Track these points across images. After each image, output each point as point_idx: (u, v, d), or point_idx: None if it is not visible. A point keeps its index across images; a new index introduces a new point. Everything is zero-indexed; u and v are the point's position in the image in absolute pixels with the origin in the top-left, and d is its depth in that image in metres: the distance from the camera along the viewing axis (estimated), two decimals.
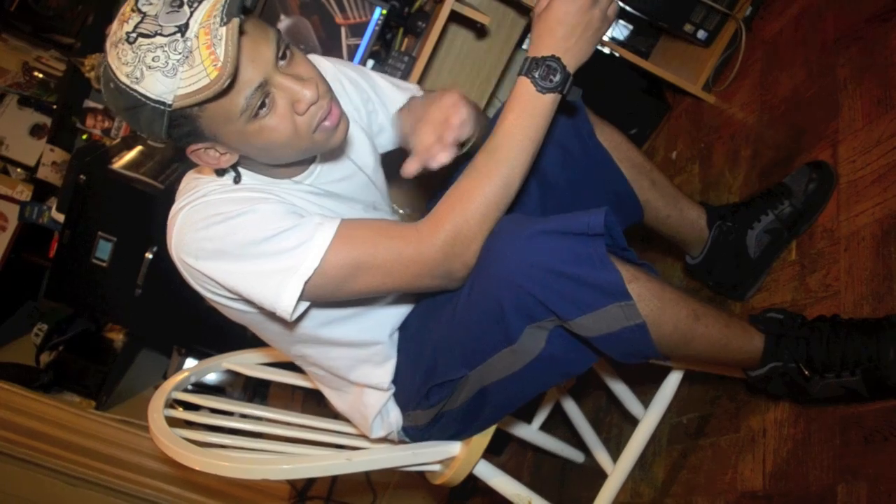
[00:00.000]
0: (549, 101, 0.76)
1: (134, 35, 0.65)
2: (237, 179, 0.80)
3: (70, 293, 1.66)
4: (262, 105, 0.71)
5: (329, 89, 0.76)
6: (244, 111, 0.70)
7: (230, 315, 0.86)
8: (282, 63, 0.72)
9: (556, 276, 0.72)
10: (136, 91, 0.66)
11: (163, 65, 0.64)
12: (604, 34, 0.79)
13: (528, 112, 0.76)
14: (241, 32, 0.66)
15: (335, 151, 0.88)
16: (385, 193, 1.01)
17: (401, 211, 1.03)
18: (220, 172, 0.80)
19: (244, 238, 0.73)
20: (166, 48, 0.64)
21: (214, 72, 0.64)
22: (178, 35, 0.64)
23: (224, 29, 0.63)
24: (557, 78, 0.75)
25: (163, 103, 0.66)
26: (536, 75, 0.75)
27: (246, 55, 0.68)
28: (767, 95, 1.34)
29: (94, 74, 1.79)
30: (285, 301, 0.73)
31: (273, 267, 0.73)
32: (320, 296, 0.77)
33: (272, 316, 0.78)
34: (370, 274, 0.76)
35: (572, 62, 0.76)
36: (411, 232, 0.76)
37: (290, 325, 0.84)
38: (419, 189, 1.66)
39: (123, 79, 0.66)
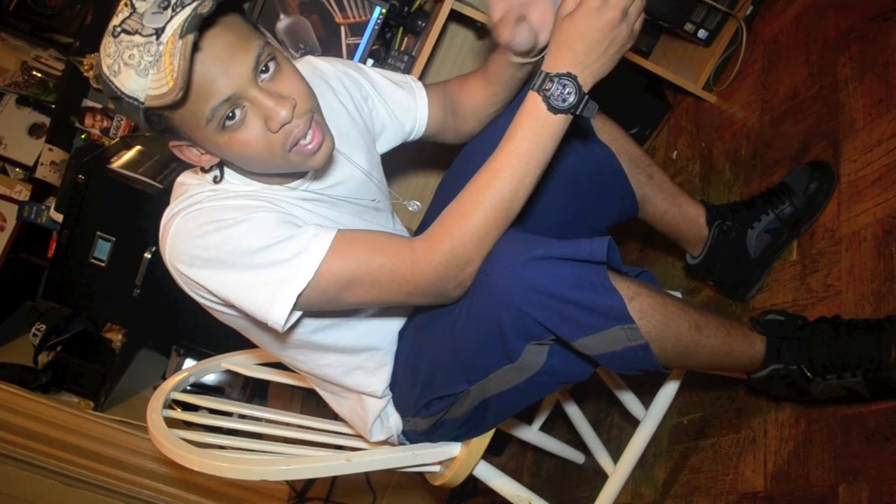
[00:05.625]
0: (559, 120, 0.72)
1: (119, 29, 0.66)
2: (217, 179, 0.79)
3: (68, 293, 1.65)
4: (231, 117, 0.70)
5: (312, 108, 0.74)
6: (210, 120, 0.69)
7: (223, 319, 0.85)
8: (263, 77, 0.71)
9: (556, 300, 0.71)
10: (113, 84, 0.67)
11: (136, 63, 0.65)
12: (626, 50, 0.75)
13: (536, 132, 0.72)
14: (197, 49, 0.65)
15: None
16: (385, 191, 1.00)
17: (410, 208, 1.01)
18: (215, 178, 0.80)
19: (238, 248, 0.72)
20: (142, 48, 0.65)
21: (171, 81, 0.63)
22: (154, 38, 0.64)
23: (181, 42, 0.62)
24: (572, 99, 0.71)
25: (136, 100, 0.67)
26: (549, 93, 0.71)
27: (218, 66, 0.67)
28: (768, 95, 1.33)
29: (93, 74, 1.78)
30: (277, 313, 0.72)
31: (266, 278, 0.72)
32: (312, 307, 0.77)
33: (264, 325, 0.77)
34: (363, 288, 0.75)
35: (589, 80, 0.72)
36: (407, 250, 0.75)
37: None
38: (430, 174, 1.66)
39: (105, 70, 0.68)
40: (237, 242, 0.72)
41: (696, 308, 0.83)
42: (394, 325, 0.95)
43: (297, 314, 0.76)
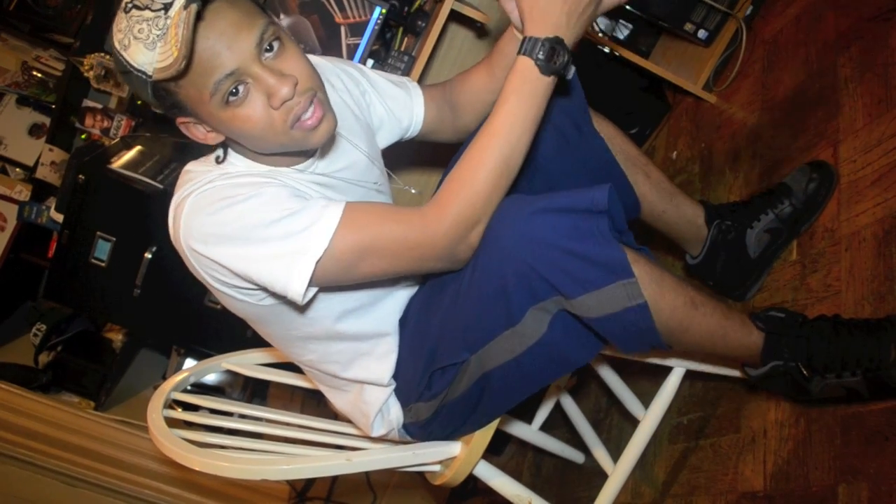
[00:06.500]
0: (550, 82, 0.75)
1: (130, 5, 0.68)
2: (220, 159, 0.81)
3: (69, 293, 1.66)
4: (235, 93, 0.72)
5: (314, 87, 0.75)
6: (213, 95, 0.71)
7: (235, 308, 0.85)
8: (267, 55, 0.73)
9: (559, 252, 0.72)
10: (123, 58, 0.69)
11: (145, 37, 0.67)
12: (594, 15, 0.79)
13: (529, 94, 0.75)
14: (201, 19, 0.68)
15: (330, 143, 0.88)
16: (385, 175, 1.02)
17: (413, 191, 1.03)
18: (217, 158, 0.82)
19: (252, 222, 0.73)
20: (151, 22, 0.67)
21: (175, 51, 0.66)
22: (162, 12, 0.66)
23: (185, 13, 0.65)
24: (563, 59, 0.74)
25: (144, 73, 0.69)
26: (541, 56, 0.73)
27: (223, 41, 0.69)
28: (768, 95, 1.34)
29: (94, 74, 1.78)
30: (296, 284, 0.73)
31: (283, 250, 0.73)
32: (329, 279, 0.77)
33: (278, 305, 0.77)
34: (376, 257, 0.76)
35: (571, 42, 0.76)
36: (416, 216, 0.77)
37: (298, 316, 0.84)
38: (431, 169, 1.66)
39: (116, 44, 0.70)
40: (250, 217, 0.73)
41: (694, 286, 0.83)
42: (401, 304, 0.97)
43: (314, 289, 0.77)
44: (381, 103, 0.99)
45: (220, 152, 0.82)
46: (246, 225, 0.73)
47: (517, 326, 0.79)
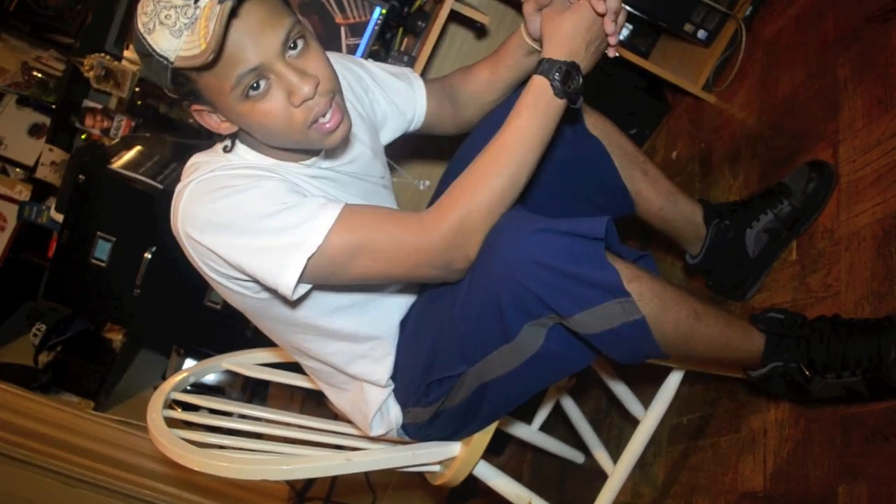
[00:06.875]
0: (562, 104, 0.77)
1: None
2: (227, 148, 0.82)
3: (69, 293, 1.66)
4: (256, 87, 0.72)
5: (334, 89, 0.76)
6: (234, 87, 0.71)
7: (233, 301, 0.85)
8: (291, 53, 0.73)
9: (554, 273, 0.72)
10: (146, 41, 0.70)
11: (172, 24, 0.68)
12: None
13: (542, 113, 0.77)
14: (234, 16, 0.68)
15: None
16: (388, 170, 1.02)
17: (421, 187, 1.03)
18: (225, 147, 0.83)
19: (249, 212, 0.73)
20: (179, 10, 0.67)
21: (204, 44, 0.66)
22: (192, 1, 0.67)
23: (219, 7, 0.65)
24: (577, 83, 0.77)
25: (166, 59, 0.69)
26: (557, 78, 0.76)
27: (250, 37, 0.70)
28: (767, 95, 1.34)
29: (94, 74, 1.79)
30: (287, 277, 0.73)
31: (277, 242, 0.73)
32: (321, 277, 0.78)
33: (273, 299, 0.77)
34: (371, 258, 0.76)
35: (585, 70, 0.79)
36: (415, 221, 0.77)
37: (293, 311, 0.84)
38: (435, 161, 1.66)
39: (140, 26, 0.70)
40: (247, 207, 0.74)
41: (695, 297, 0.83)
42: (399, 313, 0.96)
43: (307, 286, 0.77)
44: (384, 98, 0.99)
45: (227, 142, 0.82)
46: (242, 215, 0.73)
47: (513, 342, 0.79)
